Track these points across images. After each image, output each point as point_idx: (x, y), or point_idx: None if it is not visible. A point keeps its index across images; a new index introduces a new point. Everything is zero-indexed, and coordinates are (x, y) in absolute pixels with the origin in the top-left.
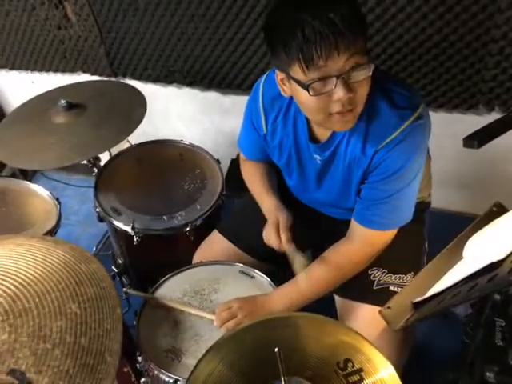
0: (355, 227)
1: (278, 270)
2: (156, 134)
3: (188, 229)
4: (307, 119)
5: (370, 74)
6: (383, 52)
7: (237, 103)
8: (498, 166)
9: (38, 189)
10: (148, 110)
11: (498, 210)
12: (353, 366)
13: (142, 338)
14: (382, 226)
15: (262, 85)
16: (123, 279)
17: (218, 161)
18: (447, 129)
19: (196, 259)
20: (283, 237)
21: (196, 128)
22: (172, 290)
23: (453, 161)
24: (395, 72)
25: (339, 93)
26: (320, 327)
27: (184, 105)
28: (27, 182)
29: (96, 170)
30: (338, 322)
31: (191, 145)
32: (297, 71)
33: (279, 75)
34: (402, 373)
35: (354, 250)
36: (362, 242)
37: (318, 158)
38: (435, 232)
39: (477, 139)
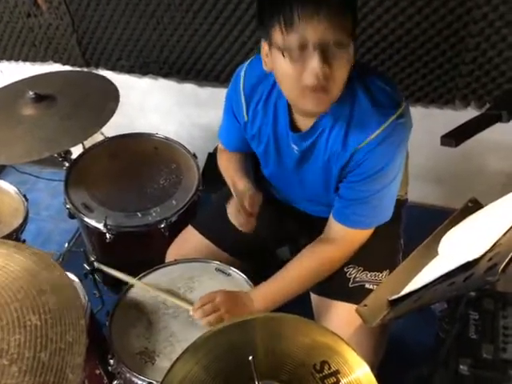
0: (334, 225)
1: (254, 265)
2: (130, 126)
3: (163, 225)
4: (289, 107)
5: (351, 56)
6: (361, 45)
7: (214, 96)
8: (474, 161)
9: (4, 184)
10: (122, 102)
11: (473, 206)
12: (329, 368)
13: (114, 340)
14: (361, 224)
15: (243, 71)
16: (96, 277)
17: (194, 155)
18: (424, 124)
19: (169, 255)
20: (247, 206)
21: (172, 120)
22: (146, 289)
23: (429, 155)
24: (374, 66)
25: (314, 62)
26: (296, 328)
27: (159, 96)
28: None
29: (67, 164)
30: (313, 322)
31: (167, 138)
32: (277, 35)
33: (264, 47)
34: (378, 369)
35: (332, 247)
36: (341, 239)
37: (296, 148)
38: (411, 226)
39: (454, 138)
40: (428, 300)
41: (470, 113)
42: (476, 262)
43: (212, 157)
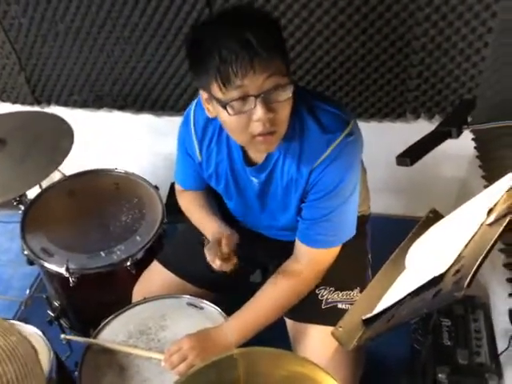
0: (300, 247)
1: (226, 295)
2: (88, 162)
3: (129, 263)
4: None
5: (290, 95)
6: (313, 67)
7: (172, 125)
8: (429, 171)
9: None
10: (78, 138)
11: (433, 217)
12: None
13: None
14: (326, 243)
15: (192, 111)
16: (62, 322)
17: (156, 187)
18: (379, 138)
19: (136, 293)
20: (225, 249)
21: (131, 153)
22: (115, 332)
23: (387, 168)
24: (326, 86)
25: (258, 112)
26: (271, 361)
27: (116, 129)
28: None
29: (22, 208)
30: (287, 352)
31: (126, 173)
32: (216, 90)
33: (203, 95)
34: None
35: (301, 269)
36: (309, 261)
37: (256, 180)
38: (376, 237)
39: (409, 156)
40: (401, 319)
41: (421, 124)
42: (442, 276)
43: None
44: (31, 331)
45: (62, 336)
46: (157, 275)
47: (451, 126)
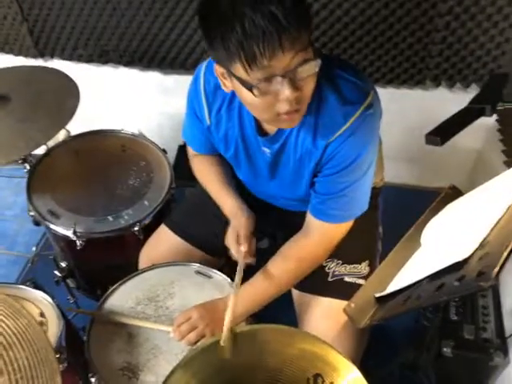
0: (312, 221)
1: (233, 263)
2: (92, 119)
3: (137, 228)
4: None
5: (318, 69)
6: (330, 27)
7: (180, 83)
8: None
9: None
10: (82, 94)
11: (452, 193)
12: (323, 381)
13: (94, 357)
14: (339, 218)
15: (202, 73)
16: (69, 282)
17: (164, 150)
18: (395, 104)
19: (143, 258)
20: (243, 248)
21: (137, 111)
22: (124, 299)
23: (400, 136)
24: (343, 49)
25: (286, 92)
26: (281, 339)
27: (122, 87)
28: None
29: (28, 167)
30: (296, 330)
31: (133, 134)
32: (238, 69)
33: (219, 69)
34: (362, 358)
35: (312, 243)
36: (320, 235)
37: (268, 151)
38: (387, 207)
39: (439, 135)
40: (419, 303)
41: (442, 92)
42: (465, 261)
43: (183, 149)
44: (40, 296)
45: (68, 309)
46: (164, 240)
47: (485, 103)
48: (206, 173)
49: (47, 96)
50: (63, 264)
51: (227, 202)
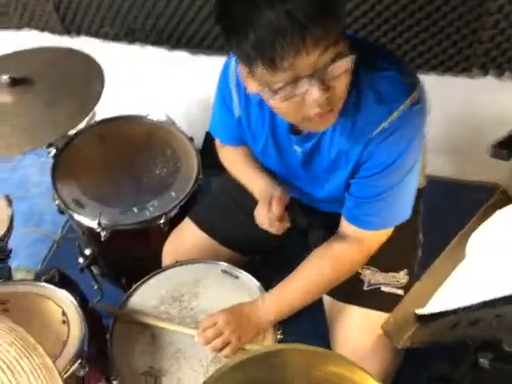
0: (347, 226)
1: (260, 261)
2: (117, 101)
3: (162, 221)
4: None
5: (351, 64)
6: (371, 9)
7: (209, 65)
8: (489, 131)
9: None
10: (108, 74)
11: (502, 198)
12: None
13: (117, 357)
14: (376, 225)
15: (233, 62)
16: (93, 269)
17: (191, 139)
18: (437, 93)
19: (167, 253)
20: (275, 210)
21: (164, 92)
22: (147, 297)
23: (442, 126)
24: (383, 31)
25: (314, 94)
26: (305, 361)
27: (149, 66)
28: None
29: (53, 151)
30: (322, 350)
31: (159, 121)
32: (260, 71)
33: (243, 69)
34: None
35: (348, 249)
36: (356, 242)
37: (299, 149)
38: (426, 202)
39: (507, 148)
40: (470, 331)
41: (489, 81)
42: None
43: (210, 136)
44: (63, 297)
45: (90, 304)
46: (188, 234)
47: None
48: (234, 160)
49: (72, 79)
50: (87, 251)
51: (258, 182)
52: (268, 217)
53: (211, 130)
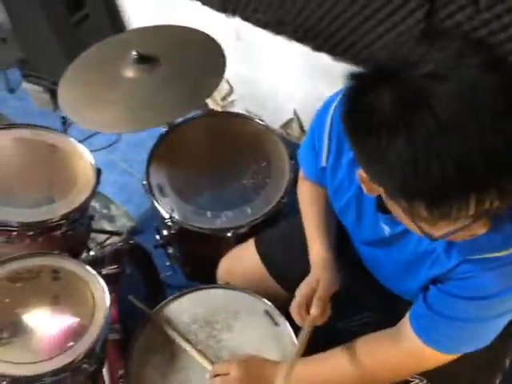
0: (407, 331)
1: None
2: (253, 80)
3: (229, 235)
4: None
5: None
6: None
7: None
8: None
9: (86, 153)
10: (251, 54)
11: None
12: None
13: (131, 365)
14: (443, 348)
15: (333, 108)
16: (168, 250)
17: (291, 158)
18: None
19: (222, 267)
20: (314, 310)
21: (296, 89)
22: (182, 310)
23: None
24: None
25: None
26: None
27: (290, 60)
28: (75, 142)
29: (163, 128)
30: None
31: (267, 127)
32: (419, 207)
33: (362, 174)
34: None
35: (396, 356)
36: (411, 352)
37: (387, 229)
38: None
39: None
40: None
41: None
42: None
43: None
44: (97, 282)
45: (130, 297)
46: (247, 256)
47: None
48: (307, 201)
49: (195, 63)
50: (165, 232)
51: (315, 249)
52: (304, 317)
53: (298, 156)
